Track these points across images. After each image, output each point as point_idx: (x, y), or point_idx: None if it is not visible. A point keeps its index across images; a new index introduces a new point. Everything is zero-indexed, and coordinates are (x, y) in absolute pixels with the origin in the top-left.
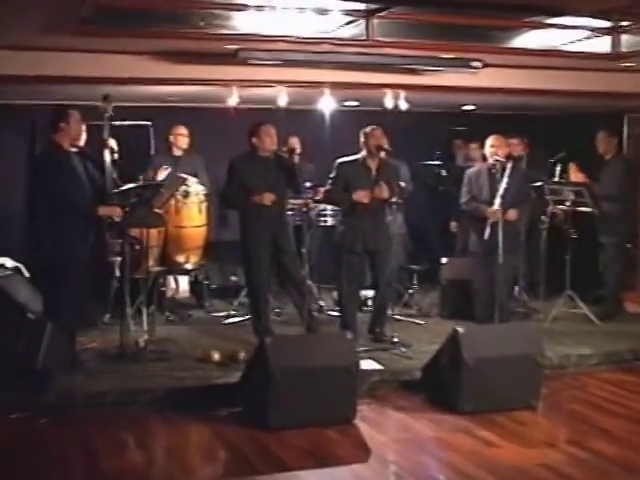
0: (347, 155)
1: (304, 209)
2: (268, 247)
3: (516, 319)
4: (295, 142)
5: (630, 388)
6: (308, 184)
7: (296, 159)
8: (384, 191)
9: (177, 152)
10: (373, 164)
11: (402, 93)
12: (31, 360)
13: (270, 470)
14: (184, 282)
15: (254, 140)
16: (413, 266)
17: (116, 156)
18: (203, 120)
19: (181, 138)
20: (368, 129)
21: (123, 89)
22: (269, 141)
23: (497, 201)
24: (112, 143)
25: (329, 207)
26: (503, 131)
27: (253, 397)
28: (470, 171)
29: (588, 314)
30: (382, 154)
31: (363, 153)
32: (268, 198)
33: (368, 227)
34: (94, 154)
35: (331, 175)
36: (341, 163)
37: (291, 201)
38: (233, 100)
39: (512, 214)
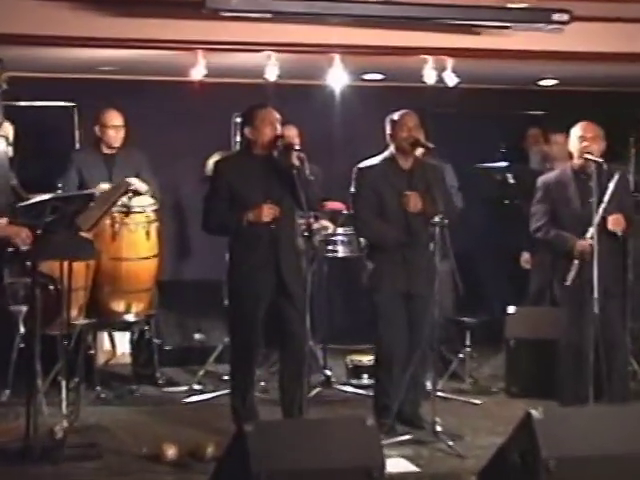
0: (366, 153)
1: (305, 233)
2: (269, 288)
3: (624, 399)
4: (293, 134)
5: None
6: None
7: (295, 159)
8: (416, 200)
9: (108, 150)
10: (407, 165)
11: (449, 61)
12: None
13: None
14: (124, 342)
15: (248, 131)
16: (465, 318)
17: (10, 151)
18: (153, 101)
19: (111, 132)
20: (397, 116)
21: (29, 53)
22: (269, 132)
23: (591, 230)
24: (7, 129)
25: (340, 229)
26: (601, 117)
27: None
28: (547, 177)
29: None
30: (418, 152)
31: (391, 150)
32: (269, 212)
33: (406, 259)
34: None
35: (353, 188)
36: (365, 169)
37: None
38: (198, 72)
39: (617, 221)
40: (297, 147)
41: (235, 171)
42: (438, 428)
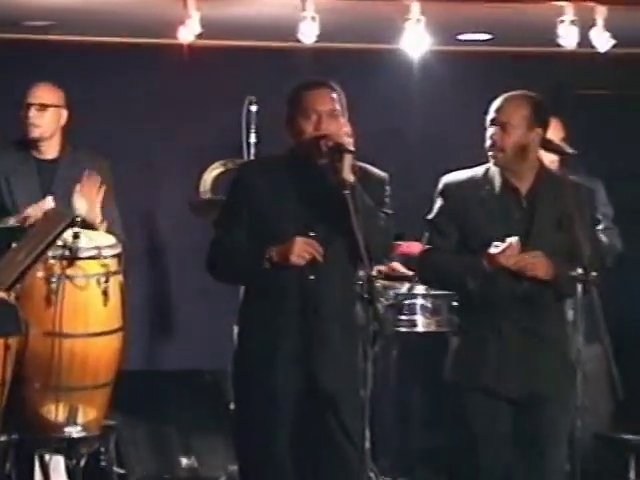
0: (464, 160)
1: (365, 295)
2: (298, 383)
3: None
4: (343, 130)
5: None
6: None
7: (349, 171)
8: (542, 264)
9: (40, 152)
10: (523, 183)
11: (599, 12)
12: None
13: None
14: (63, 472)
15: (290, 117)
16: (628, 436)
17: None
18: (116, 77)
19: (31, 114)
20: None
21: None
22: (310, 128)
23: None
24: None
25: (420, 287)
26: None
27: None
28: None
29: None
30: (551, 159)
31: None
32: (304, 249)
33: (516, 334)
34: None
35: (433, 214)
36: (452, 186)
37: None
38: (189, 31)
39: None
40: (351, 150)
41: (262, 185)
42: None
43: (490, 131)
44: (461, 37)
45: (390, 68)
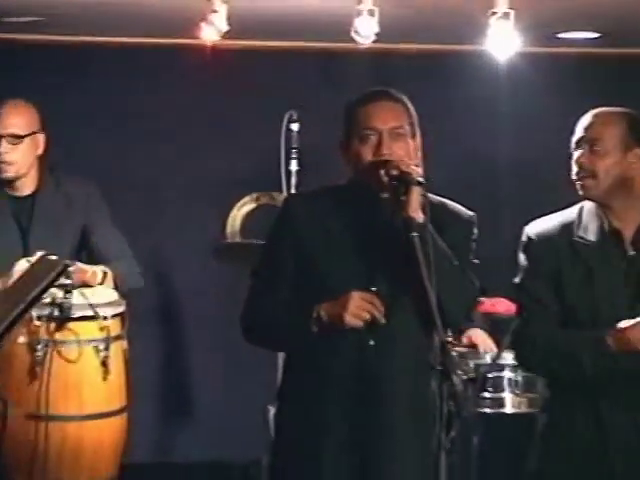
0: (558, 198)
1: (438, 366)
2: (354, 476)
3: None
4: (411, 155)
5: None
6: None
7: (417, 209)
8: None
9: (14, 189)
10: (627, 225)
11: None
12: None
13: None
14: None
15: (344, 139)
16: None
17: None
18: (117, 88)
19: (7, 153)
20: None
21: None
22: (367, 152)
23: None
24: None
25: (508, 356)
26: None
27: None
28: None
29: None
30: None
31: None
32: (362, 307)
33: (616, 416)
34: None
35: (521, 276)
36: (537, 238)
37: None
38: (214, 28)
39: None
40: (420, 181)
41: (312, 224)
42: None
43: (577, 154)
44: (561, 36)
45: (470, 74)
